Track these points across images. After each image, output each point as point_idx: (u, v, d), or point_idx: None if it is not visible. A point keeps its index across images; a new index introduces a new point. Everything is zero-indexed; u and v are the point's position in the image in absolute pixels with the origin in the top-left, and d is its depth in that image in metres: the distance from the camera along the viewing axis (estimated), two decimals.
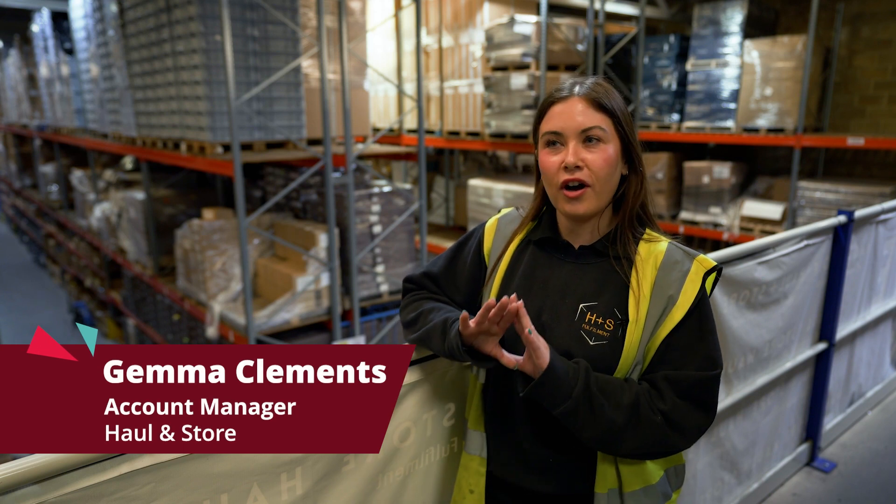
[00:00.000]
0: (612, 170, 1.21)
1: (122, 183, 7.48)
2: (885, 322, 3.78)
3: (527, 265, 1.33)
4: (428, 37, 6.95)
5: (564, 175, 1.20)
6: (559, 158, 1.21)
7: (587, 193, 1.20)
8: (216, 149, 4.45)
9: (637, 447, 1.19)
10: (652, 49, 6.86)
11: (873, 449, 3.40)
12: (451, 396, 1.57)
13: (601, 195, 1.22)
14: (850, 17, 6.34)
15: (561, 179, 1.21)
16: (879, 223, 3.34)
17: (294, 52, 4.68)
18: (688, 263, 1.22)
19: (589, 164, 1.19)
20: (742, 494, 2.81)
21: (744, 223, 6.31)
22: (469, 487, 1.41)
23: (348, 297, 4.93)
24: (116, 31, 5.57)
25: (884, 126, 6.27)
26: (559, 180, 1.21)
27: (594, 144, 1.20)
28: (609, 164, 1.20)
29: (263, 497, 1.27)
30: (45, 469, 1.01)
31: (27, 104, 10.41)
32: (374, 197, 4.96)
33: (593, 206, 1.22)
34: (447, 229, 8.27)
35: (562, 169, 1.21)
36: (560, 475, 1.29)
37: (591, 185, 1.20)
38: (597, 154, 1.19)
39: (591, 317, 1.23)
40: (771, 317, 2.62)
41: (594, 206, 1.22)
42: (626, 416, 1.16)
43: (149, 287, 6.45)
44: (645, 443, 1.18)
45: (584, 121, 1.19)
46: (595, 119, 1.19)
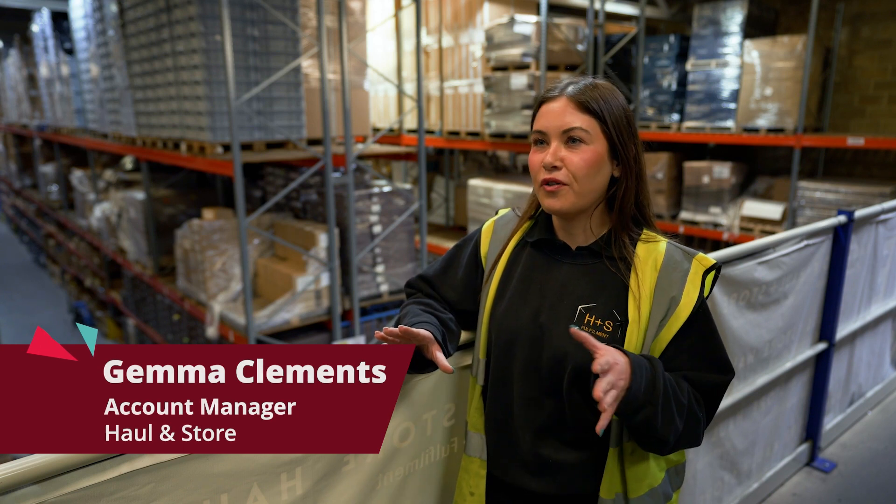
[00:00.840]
0: (592, 170, 1.20)
1: (122, 183, 7.48)
2: (885, 322, 3.78)
3: (524, 266, 1.33)
4: (428, 37, 6.95)
5: (544, 174, 1.22)
6: (542, 157, 1.22)
7: (565, 190, 1.21)
8: (216, 149, 4.45)
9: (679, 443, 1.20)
10: (652, 49, 6.86)
11: (873, 449, 3.40)
12: (451, 396, 1.57)
13: (581, 195, 1.21)
14: (850, 17, 6.34)
15: (541, 178, 1.23)
16: (879, 223, 3.34)
17: (294, 52, 4.68)
18: (687, 263, 1.22)
19: (567, 164, 1.20)
20: (742, 494, 2.81)
21: (744, 223, 6.31)
22: (469, 490, 1.41)
23: (348, 297, 4.93)
24: (116, 31, 5.57)
25: (884, 126, 6.27)
26: (539, 178, 1.23)
27: (576, 145, 1.20)
28: (588, 164, 1.19)
29: (263, 497, 1.27)
30: (45, 469, 1.01)
31: (27, 104, 10.42)
32: (374, 197, 4.96)
33: (570, 203, 1.22)
34: (447, 229, 8.27)
35: (542, 167, 1.22)
36: (559, 476, 1.29)
37: (567, 184, 1.21)
38: (576, 154, 1.19)
39: (589, 318, 1.23)
40: (771, 317, 2.62)
41: (571, 203, 1.22)
42: (686, 415, 1.17)
43: (149, 287, 6.45)
44: (687, 438, 1.20)
45: (566, 121, 1.20)
46: (578, 120, 1.19)
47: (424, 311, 1.36)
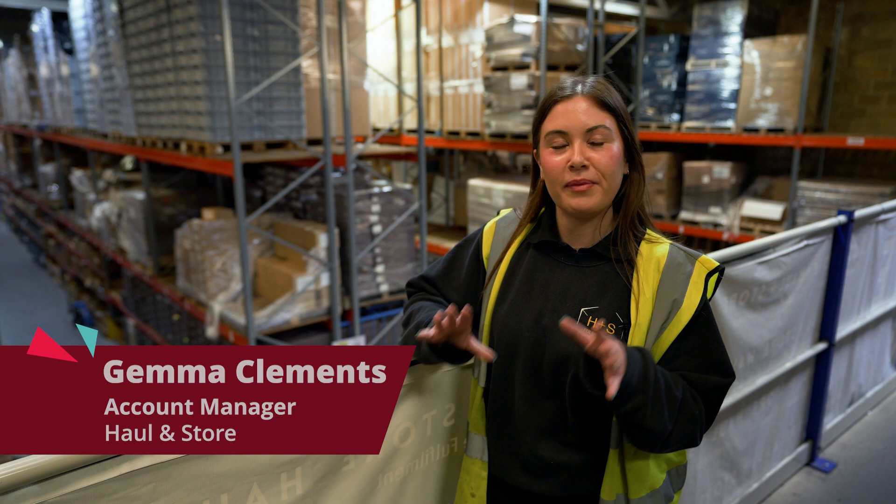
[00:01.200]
0: (617, 168, 1.21)
1: (122, 183, 7.48)
2: (885, 322, 3.78)
3: (527, 268, 1.33)
4: (428, 37, 6.95)
5: (571, 175, 1.20)
6: (564, 158, 1.20)
7: (595, 189, 1.20)
8: (216, 149, 4.45)
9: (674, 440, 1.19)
10: (652, 49, 6.86)
11: (873, 449, 3.40)
12: (452, 397, 1.57)
13: (609, 192, 1.22)
14: (850, 17, 6.34)
15: (567, 179, 1.20)
16: (879, 223, 3.34)
17: (294, 52, 4.68)
18: (690, 266, 1.22)
19: (595, 163, 1.19)
20: (742, 494, 2.81)
21: (744, 223, 6.31)
22: (470, 491, 1.41)
23: (348, 297, 4.93)
24: (116, 31, 5.57)
25: (884, 126, 6.26)
26: (564, 180, 1.21)
27: (599, 143, 1.19)
28: (615, 161, 1.20)
29: (263, 497, 1.26)
30: (45, 469, 1.01)
31: (27, 104, 10.42)
32: (374, 197, 4.96)
33: (599, 201, 1.21)
34: (447, 229, 8.27)
35: (567, 169, 1.20)
36: (560, 478, 1.29)
37: (598, 182, 1.20)
38: (602, 153, 1.19)
39: (592, 321, 1.22)
40: (771, 317, 2.62)
41: (600, 201, 1.21)
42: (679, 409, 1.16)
43: (149, 287, 6.45)
44: (682, 436, 1.19)
45: (588, 119, 1.19)
46: (599, 118, 1.19)
47: (437, 305, 1.38)
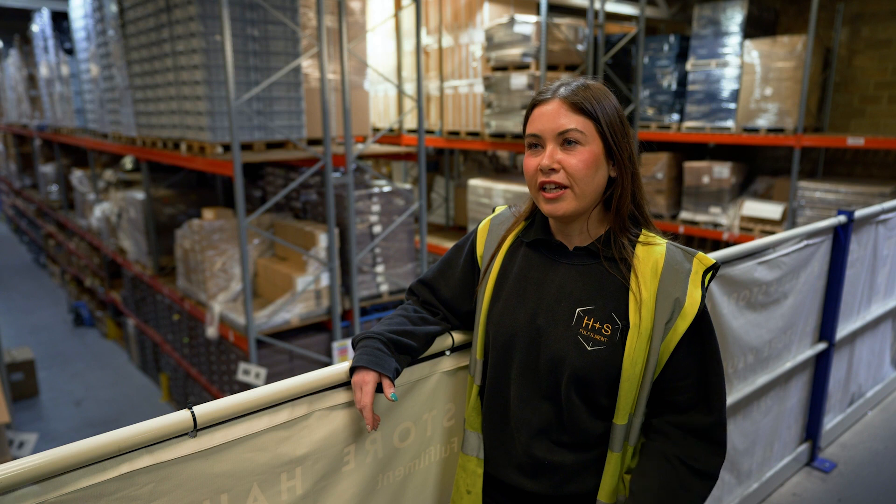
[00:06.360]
0: (590, 171, 1.19)
1: (122, 183, 7.49)
2: (885, 322, 3.78)
3: (520, 266, 1.33)
4: (428, 37, 6.95)
5: (541, 177, 1.20)
6: (537, 160, 1.21)
7: (566, 195, 1.20)
8: (216, 149, 4.45)
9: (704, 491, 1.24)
10: (652, 49, 6.86)
11: (873, 449, 3.40)
12: (451, 396, 1.57)
13: (581, 197, 1.20)
14: (850, 17, 6.34)
15: (538, 181, 1.21)
16: (879, 223, 3.34)
17: (294, 52, 4.68)
18: (688, 264, 1.22)
19: (565, 166, 1.18)
20: (742, 494, 2.81)
21: (744, 223, 6.31)
22: (466, 488, 1.41)
23: (348, 297, 4.93)
24: (116, 31, 5.57)
25: (884, 126, 6.26)
26: (537, 182, 1.22)
27: (572, 146, 1.19)
28: (586, 165, 1.18)
29: (263, 497, 1.26)
30: (45, 469, 1.01)
31: (27, 104, 10.42)
32: (374, 197, 4.96)
33: (572, 206, 1.20)
34: (447, 229, 8.27)
35: (539, 171, 1.21)
36: (553, 477, 1.29)
37: (568, 186, 1.19)
38: (573, 156, 1.18)
39: (588, 321, 1.22)
40: (771, 317, 2.62)
41: (573, 206, 1.21)
42: None
43: (149, 287, 6.45)
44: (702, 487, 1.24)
45: (561, 123, 1.18)
46: (573, 121, 1.18)
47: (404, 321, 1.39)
